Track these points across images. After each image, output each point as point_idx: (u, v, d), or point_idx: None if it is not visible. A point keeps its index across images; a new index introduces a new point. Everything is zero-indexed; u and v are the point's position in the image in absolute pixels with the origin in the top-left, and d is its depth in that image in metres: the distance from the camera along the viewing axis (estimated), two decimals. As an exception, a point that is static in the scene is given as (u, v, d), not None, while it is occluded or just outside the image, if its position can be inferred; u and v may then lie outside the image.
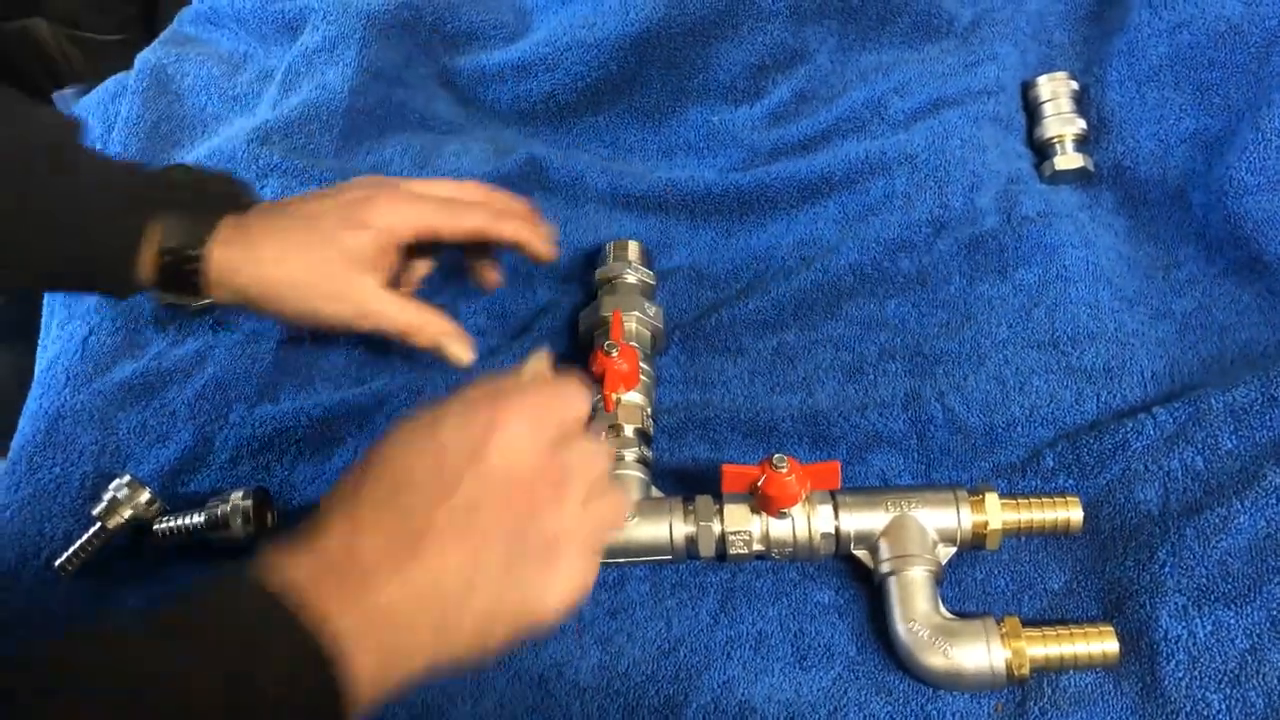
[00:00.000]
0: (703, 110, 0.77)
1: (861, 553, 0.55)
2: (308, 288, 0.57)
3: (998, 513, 0.54)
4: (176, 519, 0.58)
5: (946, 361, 0.63)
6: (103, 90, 0.82)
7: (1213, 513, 0.54)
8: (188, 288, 0.56)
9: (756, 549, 0.55)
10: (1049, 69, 0.75)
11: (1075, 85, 0.73)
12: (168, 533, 0.58)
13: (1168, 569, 0.53)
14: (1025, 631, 0.51)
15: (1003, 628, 0.52)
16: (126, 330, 0.67)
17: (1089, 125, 0.72)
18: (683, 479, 0.60)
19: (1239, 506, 0.54)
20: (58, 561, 0.58)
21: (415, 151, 0.75)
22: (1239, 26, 0.69)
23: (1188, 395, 0.58)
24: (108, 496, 0.58)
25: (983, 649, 0.51)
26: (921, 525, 0.54)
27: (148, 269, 0.56)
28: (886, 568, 0.54)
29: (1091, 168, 0.70)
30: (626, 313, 0.63)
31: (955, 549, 0.55)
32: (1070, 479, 0.58)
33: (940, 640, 0.51)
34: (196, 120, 0.79)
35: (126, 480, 0.58)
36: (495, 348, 0.67)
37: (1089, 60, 0.75)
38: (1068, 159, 0.70)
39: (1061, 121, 0.72)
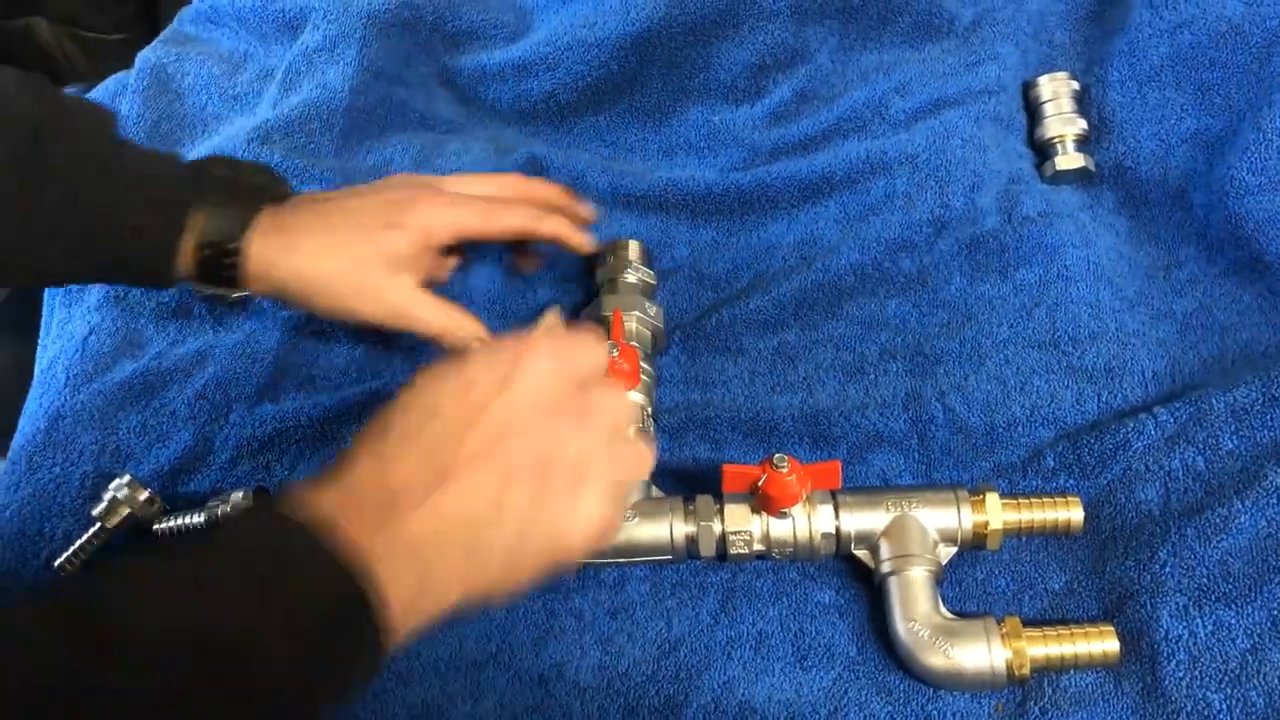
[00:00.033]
0: (703, 110, 0.77)
1: (862, 553, 0.55)
2: (344, 285, 0.57)
3: (998, 513, 0.54)
4: (176, 519, 0.58)
5: (947, 361, 0.63)
6: (103, 89, 0.82)
7: (1213, 513, 0.54)
8: (226, 280, 0.56)
9: (757, 549, 0.55)
10: (1050, 69, 0.75)
11: (1076, 85, 0.73)
12: (168, 533, 0.58)
13: (1168, 569, 0.53)
14: (1026, 631, 0.51)
15: (1003, 628, 0.52)
16: (126, 330, 0.67)
17: (1090, 125, 0.72)
18: (683, 479, 0.60)
19: (1240, 506, 0.54)
20: (57, 561, 0.58)
21: (416, 151, 0.74)
22: (1240, 26, 0.69)
23: (1189, 395, 0.58)
24: (108, 496, 0.58)
25: (983, 649, 0.51)
26: (922, 525, 0.54)
27: (187, 261, 0.56)
28: (887, 568, 0.54)
29: (1092, 168, 0.70)
30: (627, 312, 0.63)
31: (956, 549, 0.55)
32: (1071, 479, 0.58)
33: (941, 640, 0.51)
34: (197, 119, 0.79)
35: (126, 480, 0.58)
36: (496, 348, 0.67)
37: (1090, 60, 0.75)
38: (1069, 159, 0.70)
39: (1062, 121, 0.72)
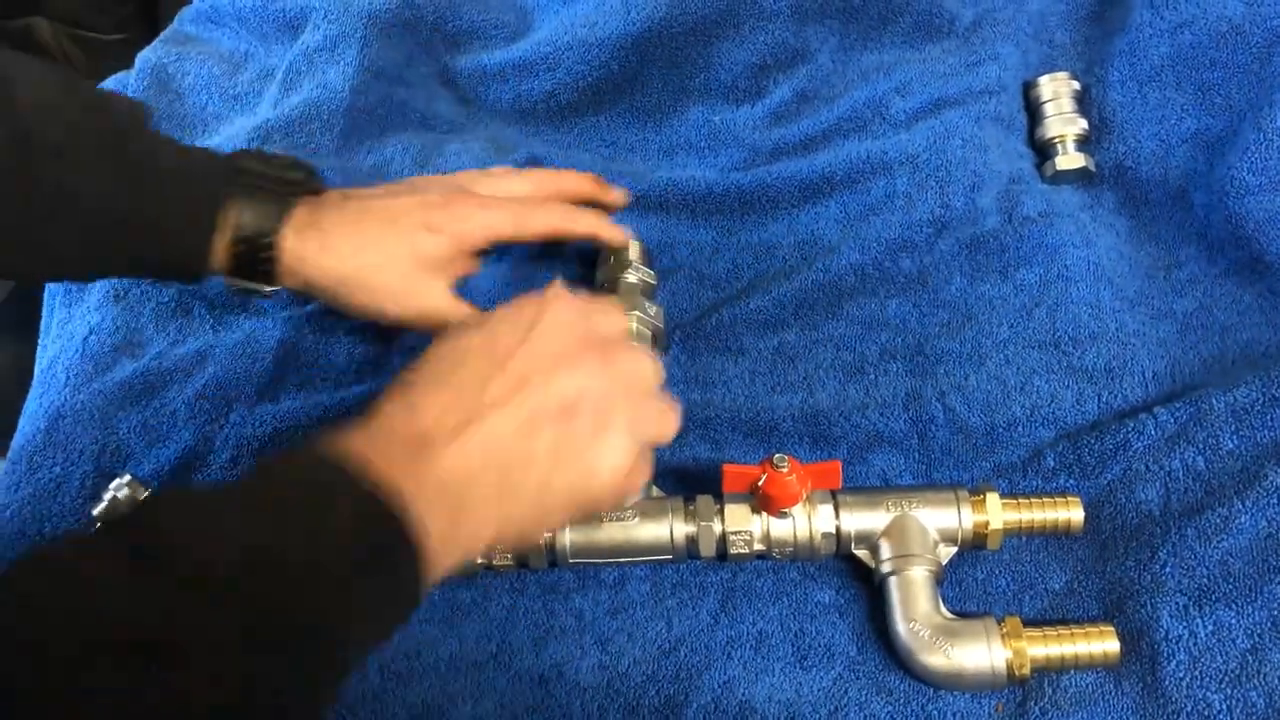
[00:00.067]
0: (704, 110, 0.77)
1: (862, 552, 0.55)
2: (378, 285, 0.57)
3: (999, 513, 0.54)
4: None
5: (948, 361, 0.63)
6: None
7: (1214, 513, 0.54)
8: (259, 275, 0.56)
9: (757, 549, 0.55)
10: (1050, 69, 0.75)
11: (1077, 85, 0.73)
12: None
13: (1169, 569, 0.53)
14: (1026, 631, 0.51)
15: (1003, 628, 0.52)
16: (127, 330, 0.67)
17: (1090, 125, 0.72)
18: (683, 479, 0.59)
19: (1240, 506, 0.54)
20: (58, 561, 0.58)
21: (416, 150, 0.74)
22: (1241, 26, 0.68)
23: (1189, 395, 0.58)
24: (108, 496, 0.57)
25: (983, 649, 0.51)
26: (922, 525, 0.54)
27: (220, 255, 0.55)
28: (887, 567, 0.54)
29: (1093, 168, 0.70)
30: (627, 313, 0.63)
31: (956, 549, 0.55)
32: (1071, 479, 0.58)
33: (941, 640, 0.51)
34: (197, 119, 0.79)
35: (126, 480, 0.58)
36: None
37: (1090, 60, 0.75)
38: (1069, 159, 0.70)
39: (1063, 121, 0.71)
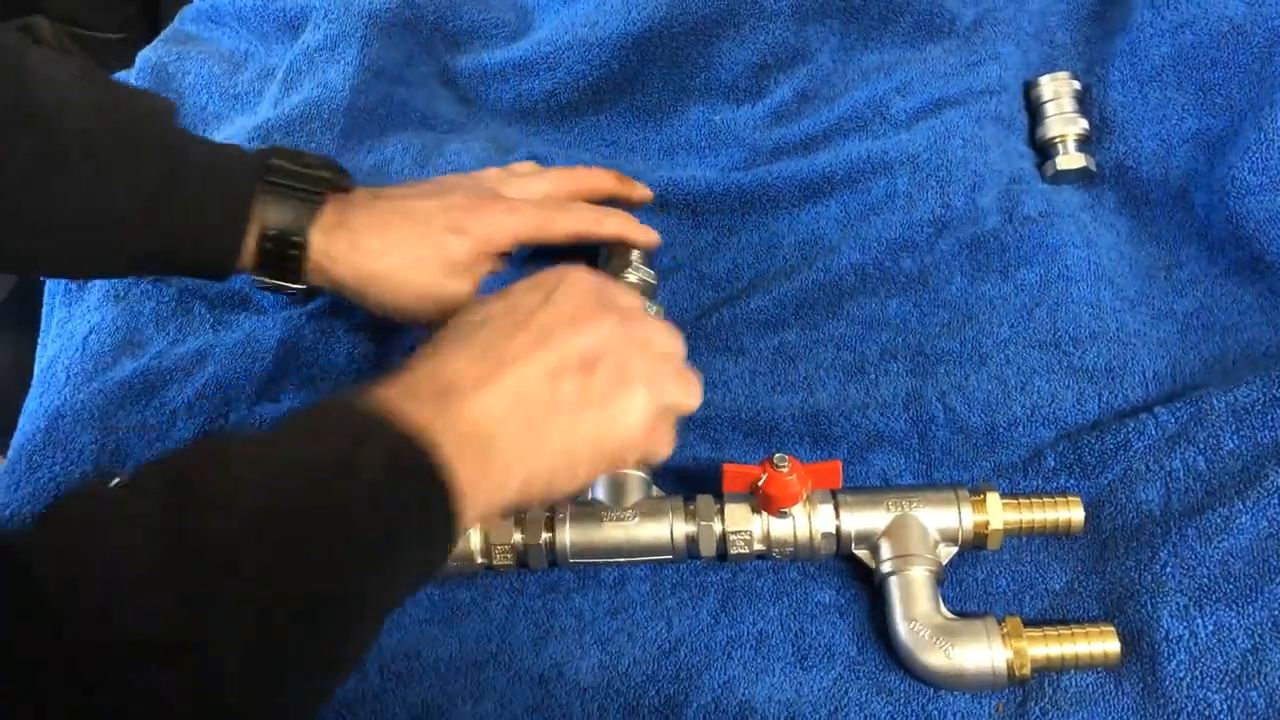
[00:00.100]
0: (704, 109, 0.77)
1: (862, 552, 0.55)
2: (403, 285, 0.57)
3: (999, 512, 0.54)
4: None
5: (948, 361, 0.62)
6: (104, 89, 0.82)
7: (1214, 513, 0.54)
8: (287, 273, 0.56)
9: (757, 549, 0.55)
10: (1051, 69, 0.75)
11: (1077, 85, 0.73)
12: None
13: (1169, 569, 0.53)
14: (1026, 631, 0.51)
15: (1004, 628, 0.52)
16: (127, 329, 0.67)
17: (1091, 125, 0.72)
18: (683, 478, 0.59)
19: (1241, 506, 0.54)
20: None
21: (416, 150, 0.74)
22: (1241, 26, 0.68)
23: (1189, 395, 0.58)
24: (108, 495, 0.57)
25: (984, 649, 0.51)
26: (923, 525, 0.54)
27: (249, 252, 0.56)
28: (888, 567, 0.54)
29: (1093, 168, 0.70)
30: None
31: (956, 549, 0.55)
32: (1072, 479, 0.58)
33: (941, 640, 0.51)
34: (198, 119, 0.78)
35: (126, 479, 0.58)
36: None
37: (1091, 60, 0.75)
38: (1070, 159, 0.70)
39: (1063, 121, 0.71)
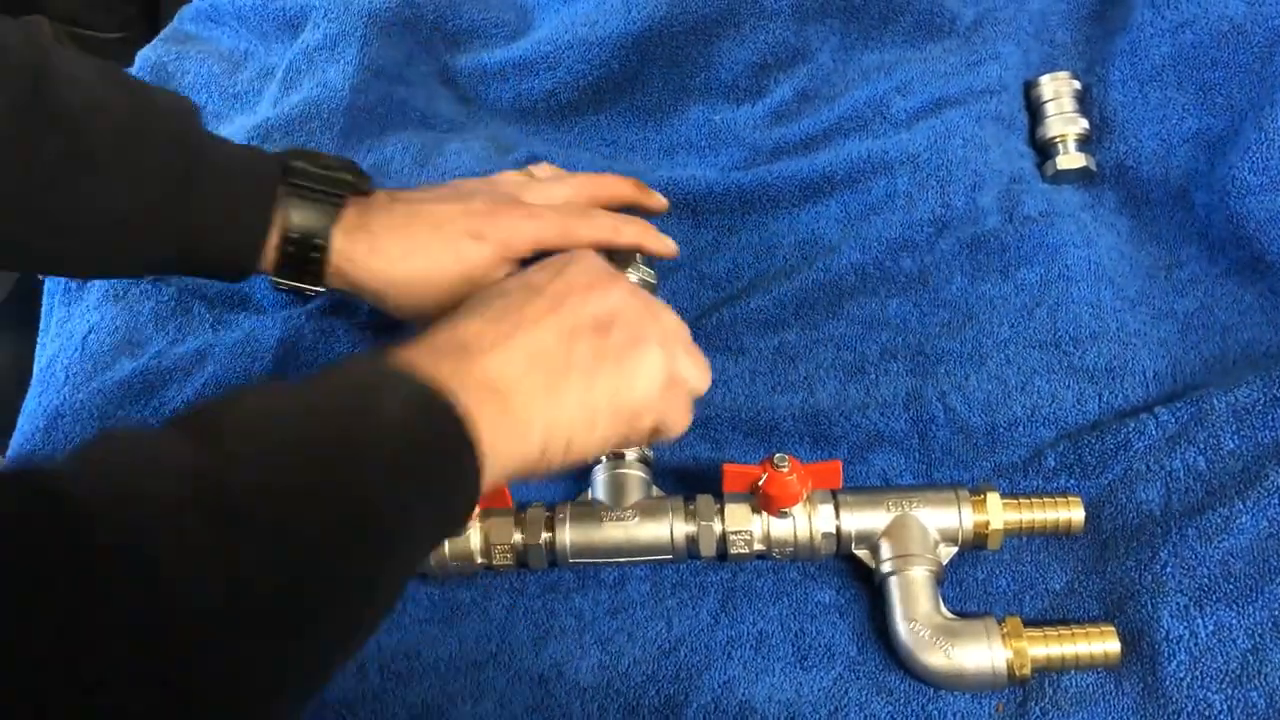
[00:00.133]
0: (704, 109, 0.77)
1: (862, 552, 0.55)
2: (422, 289, 0.57)
3: (999, 512, 0.54)
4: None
5: (948, 361, 0.62)
6: (103, 88, 0.82)
7: (1215, 513, 0.54)
8: (307, 275, 0.56)
9: (757, 548, 0.55)
10: (1051, 68, 0.75)
11: (1078, 85, 0.73)
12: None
13: (1169, 569, 0.53)
14: (1027, 631, 0.51)
15: (1004, 628, 0.51)
16: (126, 329, 0.67)
17: (1091, 125, 0.72)
18: (684, 478, 0.59)
19: (1241, 506, 0.54)
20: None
21: (416, 150, 0.74)
22: (1242, 26, 0.68)
23: (1190, 395, 0.58)
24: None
25: (984, 649, 0.51)
26: (923, 525, 0.54)
27: (270, 254, 0.56)
28: (888, 567, 0.54)
29: (1094, 167, 0.70)
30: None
31: (957, 549, 0.55)
32: (1072, 479, 0.58)
33: (941, 640, 0.51)
34: (197, 118, 0.79)
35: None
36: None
37: (1091, 60, 0.75)
38: (1070, 158, 0.70)
39: (1064, 121, 0.71)
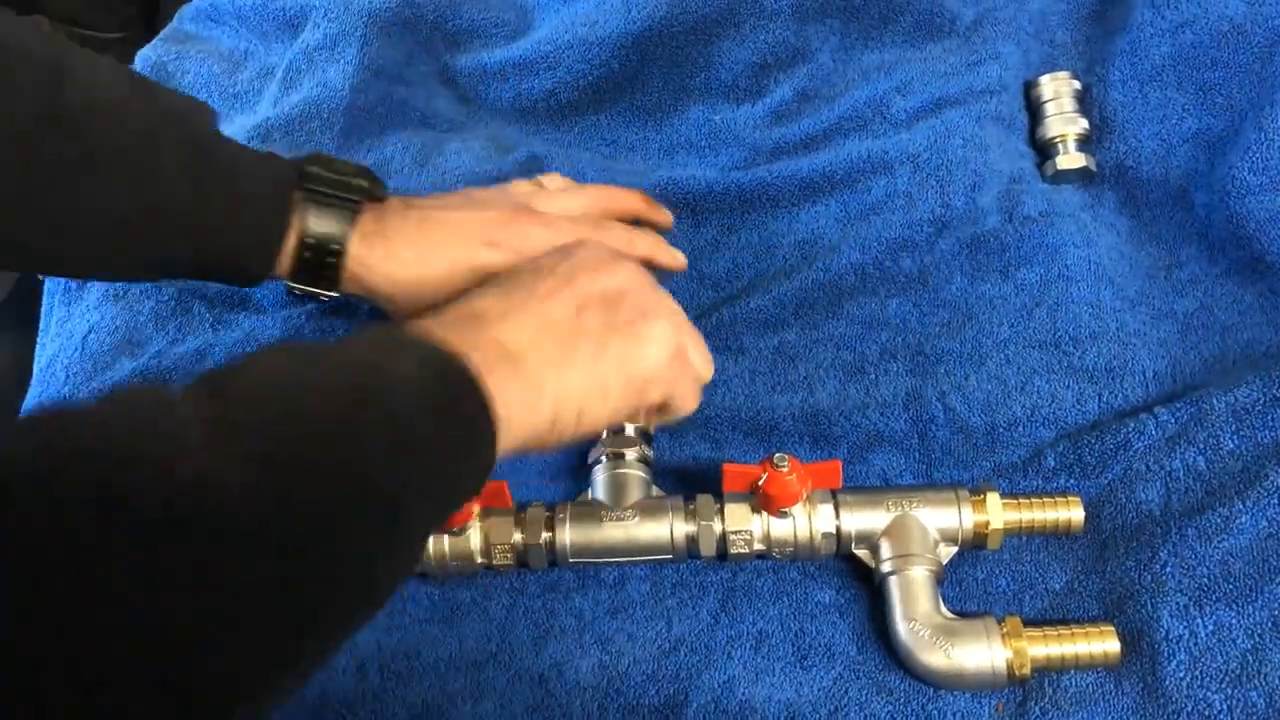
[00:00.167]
0: (704, 109, 0.77)
1: (862, 552, 0.55)
2: (435, 294, 0.57)
3: (999, 512, 0.54)
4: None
5: (948, 361, 0.62)
6: (103, 87, 0.82)
7: (1214, 513, 0.54)
8: (323, 280, 0.56)
9: (757, 548, 0.55)
10: (1051, 68, 0.75)
11: (1078, 85, 0.73)
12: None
13: (1169, 569, 0.53)
14: (1026, 631, 0.51)
15: (1004, 627, 0.51)
16: (126, 328, 0.67)
17: (1091, 125, 0.72)
18: (683, 478, 0.59)
19: (1241, 506, 0.54)
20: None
21: (416, 149, 0.74)
22: (1242, 26, 0.68)
23: (1190, 395, 0.58)
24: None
25: (984, 649, 0.51)
26: (923, 525, 0.54)
27: (286, 259, 0.56)
28: (887, 567, 0.54)
29: (1094, 167, 0.70)
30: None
31: (956, 548, 0.55)
32: (1072, 479, 0.58)
33: (941, 640, 0.51)
34: (197, 118, 0.78)
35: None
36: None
37: (1091, 60, 0.75)
38: (1070, 158, 0.70)
39: (1064, 121, 0.71)
